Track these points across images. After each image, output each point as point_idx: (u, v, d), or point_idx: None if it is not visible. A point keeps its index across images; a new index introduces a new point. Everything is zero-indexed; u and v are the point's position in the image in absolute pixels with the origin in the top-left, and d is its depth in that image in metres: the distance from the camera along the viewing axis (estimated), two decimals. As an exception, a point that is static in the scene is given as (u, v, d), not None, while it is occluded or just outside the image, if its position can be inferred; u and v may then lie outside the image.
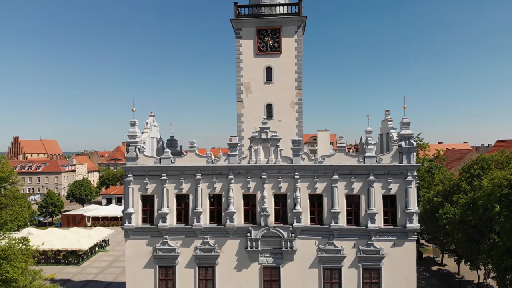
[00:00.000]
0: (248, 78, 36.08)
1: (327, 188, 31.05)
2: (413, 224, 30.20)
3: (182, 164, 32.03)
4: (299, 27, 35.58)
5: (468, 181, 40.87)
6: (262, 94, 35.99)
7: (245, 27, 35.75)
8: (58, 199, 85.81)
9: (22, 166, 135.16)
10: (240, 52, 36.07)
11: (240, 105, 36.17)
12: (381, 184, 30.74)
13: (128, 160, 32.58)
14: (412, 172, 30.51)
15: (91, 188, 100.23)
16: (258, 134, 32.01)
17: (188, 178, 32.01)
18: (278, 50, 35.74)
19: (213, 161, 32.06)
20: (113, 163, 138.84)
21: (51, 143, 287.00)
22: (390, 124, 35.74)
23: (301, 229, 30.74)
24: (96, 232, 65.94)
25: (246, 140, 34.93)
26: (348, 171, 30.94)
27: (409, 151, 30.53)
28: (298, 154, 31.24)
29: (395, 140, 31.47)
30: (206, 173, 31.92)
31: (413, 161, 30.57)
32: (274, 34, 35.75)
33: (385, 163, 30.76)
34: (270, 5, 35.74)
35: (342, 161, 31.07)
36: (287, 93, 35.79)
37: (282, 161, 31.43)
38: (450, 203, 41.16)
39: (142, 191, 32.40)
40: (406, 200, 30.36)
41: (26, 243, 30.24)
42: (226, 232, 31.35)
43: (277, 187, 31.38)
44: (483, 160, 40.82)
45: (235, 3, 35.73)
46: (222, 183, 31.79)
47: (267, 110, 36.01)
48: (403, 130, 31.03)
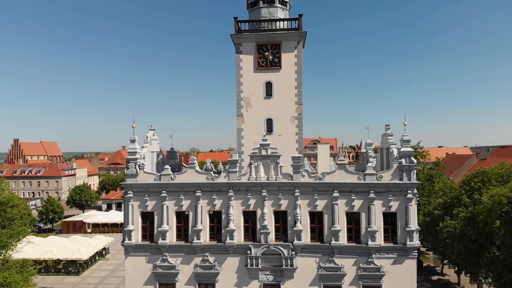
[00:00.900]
0: (248, 93, 36.00)
1: (327, 206, 31.04)
2: (413, 241, 30.20)
3: (182, 181, 32.03)
4: (299, 42, 35.52)
5: (468, 194, 40.84)
6: (262, 109, 35.90)
7: (245, 42, 35.69)
8: (58, 205, 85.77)
9: (22, 170, 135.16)
10: (240, 67, 35.99)
11: (240, 119, 36.10)
12: (381, 201, 30.72)
13: (128, 177, 32.57)
14: (413, 189, 30.49)
15: (91, 194, 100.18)
16: (258, 151, 32.02)
17: (188, 195, 32.00)
18: (278, 65, 35.67)
19: (213, 177, 32.03)
20: (113, 167, 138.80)
21: (51, 145, 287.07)
22: (390, 139, 35.76)
23: (301, 247, 30.72)
24: (96, 240, 65.88)
25: (246, 155, 34.89)
26: (349, 189, 30.93)
27: (409, 168, 30.51)
28: (298, 171, 31.24)
29: (396, 157, 31.46)
30: (206, 190, 31.91)
31: (413, 179, 30.56)
32: (274, 49, 35.68)
33: (385, 180, 30.74)
34: (270, 20, 35.69)
35: (343, 178, 31.05)
36: (287, 108, 35.71)
37: (282, 178, 31.43)
38: (451, 216, 41.15)
39: (142, 208, 32.40)
40: (407, 217, 30.35)
41: (26, 268, 30.26)
42: (226, 250, 31.32)
43: (277, 204, 31.37)
44: (483, 173, 40.80)
45: (235, 18, 35.68)
46: (222, 200, 31.79)
47: (267, 125, 35.92)
48: (403, 148, 31.02)
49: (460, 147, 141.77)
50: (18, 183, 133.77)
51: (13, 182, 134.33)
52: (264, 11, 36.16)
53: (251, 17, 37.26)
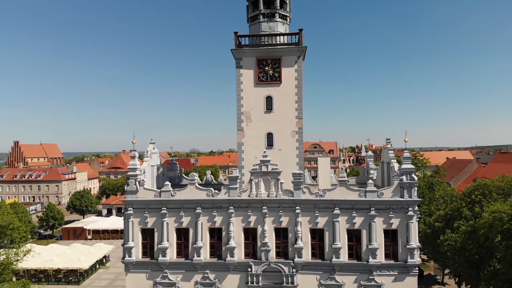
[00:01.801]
0: (249, 107, 35.90)
1: (328, 223, 30.96)
2: (414, 259, 30.11)
3: (182, 198, 31.95)
4: (299, 57, 35.40)
5: (469, 207, 40.74)
6: (263, 123, 35.78)
7: (246, 57, 35.58)
8: (58, 212, 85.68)
9: (22, 175, 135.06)
10: (240, 81, 35.86)
11: (241, 134, 35.99)
12: (382, 218, 30.64)
13: (128, 193, 32.50)
14: (413, 207, 30.40)
15: (92, 199, 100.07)
16: (259, 167, 31.95)
17: (188, 211, 31.94)
18: (278, 79, 35.55)
19: (213, 194, 31.95)
20: (114, 171, 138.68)
21: (51, 147, 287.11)
22: (391, 153, 35.71)
23: (302, 264, 30.63)
24: (97, 248, 65.77)
25: (246, 169, 34.80)
26: (350, 206, 30.85)
27: (410, 185, 30.42)
28: (299, 188, 31.16)
29: (396, 173, 31.37)
30: (206, 207, 31.84)
31: (414, 196, 30.47)
32: (274, 64, 35.56)
33: (386, 197, 30.66)
34: (270, 35, 35.59)
35: (343, 195, 30.97)
36: (288, 122, 35.59)
37: (283, 195, 31.35)
38: (451, 229, 41.04)
39: (142, 225, 32.33)
40: (407, 234, 30.27)
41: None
42: (226, 267, 31.24)
43: (278, 221, 31.29)
44: (484, 186, 40.69)
45: (235, 33, 35.57)
46: (223, 217, 31.71)
47: (267, 139, 35.79)
48: (404, 164, 30.95)
49: (461, 151, 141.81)
50: (19, 187, 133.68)
51: (13, 186, 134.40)
52: (264, 25, 36.06)
53: (251, 31, 37.16)
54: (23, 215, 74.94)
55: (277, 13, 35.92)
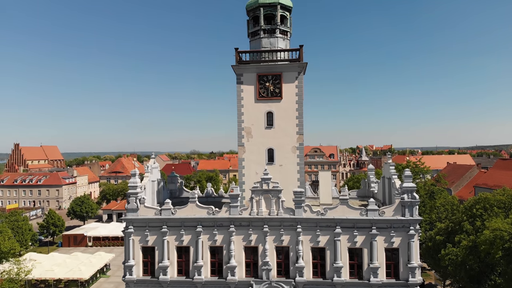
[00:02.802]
0: (249, 123, 35.82)
1: (329, 241, 30.87)
2: (415, 278, 30.02)
3: (182, 216, 31.87)
4: (300, 73, 35.33)
5: (470, 221, 40.66)
6: (263, 139, 35.70)
7: (246, 72, 35.51)
8: (59, 219, 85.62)
9: (22, 179, 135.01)
10: (241, 97, 35.79)
11: (241, 149, 35.90)
12: (383, 237, 30.55)
13: (129, 211, 32.42)
14: (415, 226, 30.32)
15: (92, 205, 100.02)
16: (260, 185, 31.86)
17: (189, 229, 31.85)
18: (279, 95, 35.47)
19: (214, 212, 31.87)
20: (114, 175, 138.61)
21: (51, 149, 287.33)
22: (392, 169, 35.59)
23: (303, 283, 30.55)
24: (97, 257, 65.68)
25: (247, 185, 34.76)
26: (351, 224, 30.76)
27: (412, 204, 30.33)
28: (300, 206, 31.07)
29: (398, 192, 31.28)
30: (207, 225, 31.76)
31: (415, 215, 30.38)
32: (275, 79, 35.48)
33: (387, 216, 30.57)
34: (271, 51, 35.50)
35: (345, 214, 30.88)
36: (288, 138, 35.51)
37: (284, 213, 31.27)
38: (452, 243, 40.96)
39: (143, 243, 32.25)
40: (409, 253, 30.19)
41: None
42: (227, 286, 31.15)
43: (279, 239, 31.20)
44: (485, 200, 40.60)
45: (236, 49, 35.50)
46: (223, 235, 31.63)
47: (268, 154, 35.70)
48: (405, 183, 30.84)
49: (462, 155, 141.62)
50: (19, 192, 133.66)
51: (14, 191, 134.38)
52: (265, 41, 35.97)
53: (252, 47, 37.08)
54: (24, 223, 74.90)
55: (278, 28, 35.82)
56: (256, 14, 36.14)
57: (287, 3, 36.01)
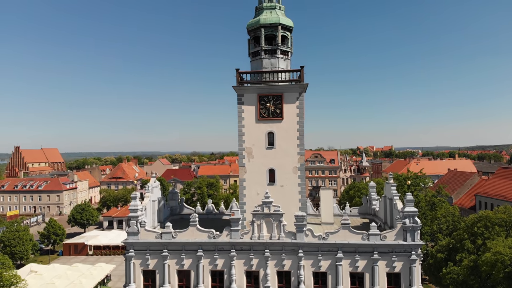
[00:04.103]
0: (250, 143, 35.68)
1: (331, 266, 30.77)
2: (417, 303, 29.92)
3: (183, 240, 31.76)
4: (300, 94, 35.20)
5: (471, 239, 40.52)
6: (264, 159, 35.56)
7: (247, 93, 35.37)
8: (59, 227, 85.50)
9: (23, 185, 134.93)
10: (242, 117, 35.65)
11: (243, 170, 35.76)
12: (385, 262, 30.45)
13: (130, 235, 32.32)
14: (416, 250, 30.21)
15: (93, 213, 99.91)
16: (261, 208, 31.74)
17: (190, 253, 31.75)
18: (280, 116, 35.33)
19: (214, 236, 31.75)
20: (114, 181, 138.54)
21: (52, 151, 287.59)
22: (393, 190, 35.46)
23: (304, 308, 30.43)
24: (98, 269, 65.47)
25: (248, 205, 34.64)
26: (353, 249, 30.66)
27: (413, 229, 30.23)
28: (302, 230, 30.97)
29: (399, 217, 31.14)
30: (207, 249, 31.65)
31: (417, 239, 30.27)
32: (276, 100, 35.34)
33: (389, 241, 30.46)
34: (272, 72, 35.36)
35: (346, 238, 30.76)
36: (289, 158, 35.36)
37: (286, 237, 31.15)
38: (454, 261, 40.82)
39: (144, 266, 32.16)
40: (410, 278, 30.11)
41: None
42: (228, 311, 31.06)
43: (281, 264, 31.09)
44: (486, 218, 40.46)
45: (237, 69, 35.34)
46: (224, 260, 31.52)
47: (269, 175, 35.56)
48: (407, 207, 30.71)
49: (462, 160, 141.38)
50: (20, 198, 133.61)
51: (14, 197, 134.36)
52: (266, 61, 35.81)
53: (252, 67, 36.93)
54: (24, 233, 74.82)
55: (279, 49, 35.66)
56: (257, 34, 35.99)
57: (288, 23, 35.86)
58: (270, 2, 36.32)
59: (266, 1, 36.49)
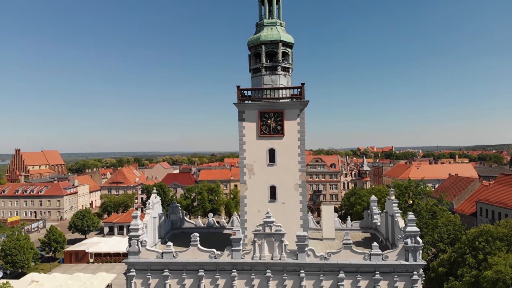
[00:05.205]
0: (251, 160, 35.59)
1: (333, 286, 30.71)
2: (419, 323, 29.82)
3: (184, 260, 31.68)
4: (301, 110, 35.11)
5: (472, 254, 40.42)
6: (265, 176, 35.46)
7: (248, 110, 35.29)
8: (60, 235, 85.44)
9: (24, 190, 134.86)
10: (243, 134, 35.57)
11: (244, 187, 35.67)
12: (387, 282, 30.38)
13: (131, 254, 32.25)
14: (418, 270, 30.11)
15: (93, 219, 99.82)
16: (262, 228, 31.63)
17: (191, 273, 31.68)
18: (281, 132, 35.24)
19: (216, 256, 31.66)
20: (115, 186, 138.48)
21: (52, 154, 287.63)
22: (395, 207, 35.31)
23: (306, 329, 30.34)
24: (99, 279, 65.41)
25: (249, 222, 34.57)
26: (354, 269, 30.57)
27: (415, 249, 30.14)
28: (304, 251, 30.87)
29: (401, 237, 31.02)
30: (208, 269, 31.56)
31: (419, 259, 30.17)
32: (276, 117, 35.26)
33: (391, 261, 30.36)
34: (273, 89, 35.26)
35: (348, 258, 30.66)
36: (290, 175, 35.26)
37: (287, 257, 31.06)
38: (455, 276, 40.71)
39: (145, 286, 32.07)
40: (413, 298, 29.97)
41: None
42: (230, 332, 30.96)
43: (282, 284, 30.99)
44: (487, 233, 40.36)
45: (237, 86, 35.25)
46: (226, 280, 31.44)
47: (270, 192, 35.46)
48: (408, 227, 30.61)
49: (463, 164, 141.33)
50: (20, 203, 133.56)
51: (15, 202, 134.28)
52: (267, 78, 35.71)
53: (253, 83, 36.82)
54: (25, 241, 74.79)
55: (279, 66, 35.57)
56: (258, 51, 35.89)
57: (288, 40, 35.76)
58: (271, 19, 36.23)
59: (266, 18, 36.40)
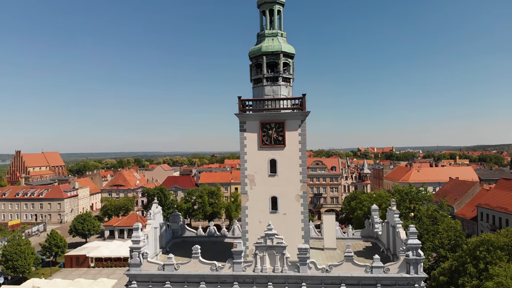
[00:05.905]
0: (253, 171, 35.58)
1: (334, 299, 30.65)
2: (421, 336, 29.82)
3: (185, 272, 31.69)
4: (302, 121, 35.09)
5: (473, 263, 40.39)
6: (267, 187, 35.44)
7: (249, 120, 35.28)
8: (61, 239, 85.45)
9: (24, 193, 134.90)
10: (244, 144, 35.57)
11: (245, 197, 35.66)
12: (388, 294, 30.33)
13: (132, 266, 32.25)
14: (419, 283, 30.11)
15: (94, 223, 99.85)
16: (264, 241, 31.62)
17: (192, 286, 31.67)
18: (282, 143, 35.22)
19: (217, 268, 31.66)
20: (116, 189, 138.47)
21: (52, 155, 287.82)
22: (396, 218, 35.33)
23: None
24: (100, 285, 65.39)
25: (251, 233, 34.58)
26: (356, 281, 30.56)
27: (417, 262, 30.13)
28: (305, 263, 30.86)
29: (402, 249, 31.01)
30: (210, 281, 31.57)
31: (420, 272, 30.16)
32: (278, 127, 35.24)
33: (392, 273, 30.36)
34: (274, 100, 35.24)
35: (350, 271, 30.65)
36: (292, 186, 35.24)
37: (289, 270, 31.04)
38: (456, 285, 40.68)
39: (146, 298, 32.06)
40: (414, 311, 29.96)
41: None
42: None
43: (283, 297, 30.98)
44: (488, 242, 40.33)
45: (239, 97, 35.24)
46: (227, 292, 31.41)
47: (271, 203, 35.44)
48: (410, 239, 30.59)
49: (464, 166, 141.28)
50: (21, 206, 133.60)
51: (15, 205, 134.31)
52: (268, 89, 35.69)
53: (254, 93, 36.80)
54: (26, 247, 74.78)
55: (281, 76, 35.54)
56: (259, 61, 35.87)
57: (290, 50, 35.74)
58: (272, 29, 36.22)
59: (268, 28, 36.38)
